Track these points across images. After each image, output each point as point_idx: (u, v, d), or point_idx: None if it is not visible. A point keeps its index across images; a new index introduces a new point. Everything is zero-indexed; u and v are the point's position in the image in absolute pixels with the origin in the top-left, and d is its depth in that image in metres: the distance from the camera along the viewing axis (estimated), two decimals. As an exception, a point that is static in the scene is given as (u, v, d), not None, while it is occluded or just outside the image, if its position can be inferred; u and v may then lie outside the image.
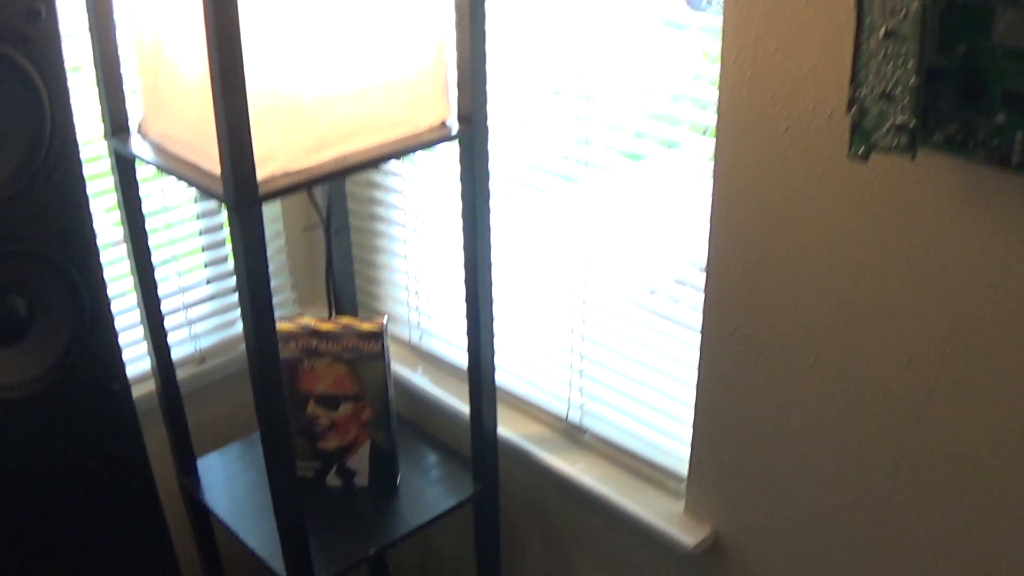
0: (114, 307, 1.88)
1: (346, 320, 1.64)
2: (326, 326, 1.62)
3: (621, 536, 1.71)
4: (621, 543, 1.72)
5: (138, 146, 1.41)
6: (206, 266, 1.98)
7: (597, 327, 1.65)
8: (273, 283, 2.04)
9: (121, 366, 1.45)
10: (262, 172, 1.22)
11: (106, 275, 1.40)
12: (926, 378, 1.22)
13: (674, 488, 1.62)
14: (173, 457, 1.74)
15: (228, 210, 1.24)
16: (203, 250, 1.97)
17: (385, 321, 1.62)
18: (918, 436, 1.25)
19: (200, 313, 1.97)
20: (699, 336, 1.45)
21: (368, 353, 1.62)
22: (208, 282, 1.99)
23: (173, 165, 1.33)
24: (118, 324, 1.85)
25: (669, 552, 1.61)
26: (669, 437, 1.61)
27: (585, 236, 1.61)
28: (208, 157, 1.23)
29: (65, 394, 1.38)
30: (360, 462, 1.71)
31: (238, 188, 1.20)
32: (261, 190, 1.22)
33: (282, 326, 1.61)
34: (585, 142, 1.54)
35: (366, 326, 1.61)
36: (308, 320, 1.63)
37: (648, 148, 1.53)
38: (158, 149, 1.38)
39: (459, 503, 1.69)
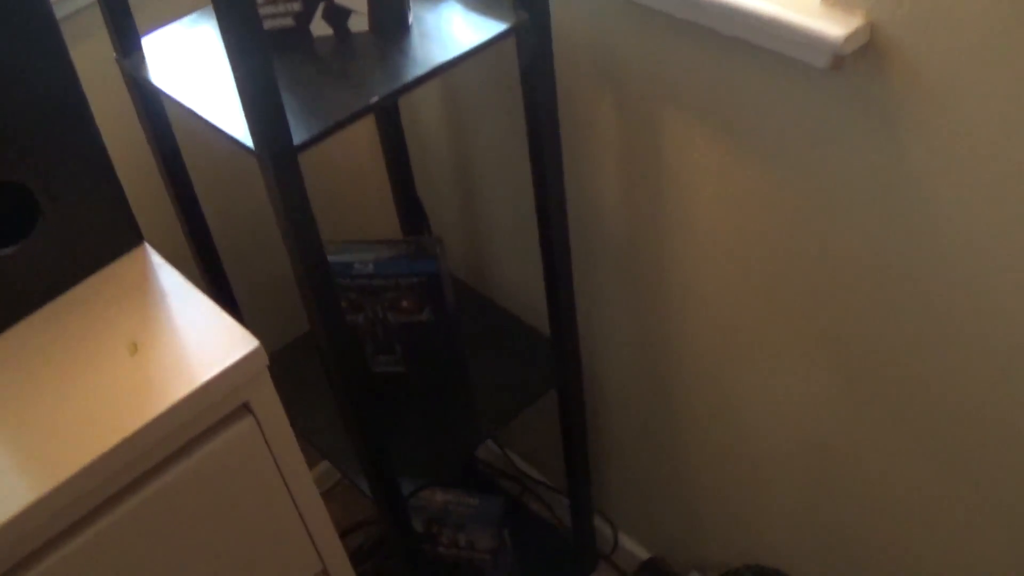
0: None
1: None
2: None
3: (730, 57, 1.20)
4: (731, 67, 1.20)
5: None
6: None
7: None
8: None
9: None
10: None
11: None
12: None
13: (801, -30, 1.10)
14: (110, 36, 1.29)
15: None
16: None
17: None
18: None
19: None
20: None
21: None
22: None
23: None
24: None
25: (804, 65, 1.11)
26: None
27: None
28: None
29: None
30: (353, -7, 1.22)
31: None
32: None
33: None
34: None
35: None
36: None
37: None
38: None
39: (495, 37, 1.20)
